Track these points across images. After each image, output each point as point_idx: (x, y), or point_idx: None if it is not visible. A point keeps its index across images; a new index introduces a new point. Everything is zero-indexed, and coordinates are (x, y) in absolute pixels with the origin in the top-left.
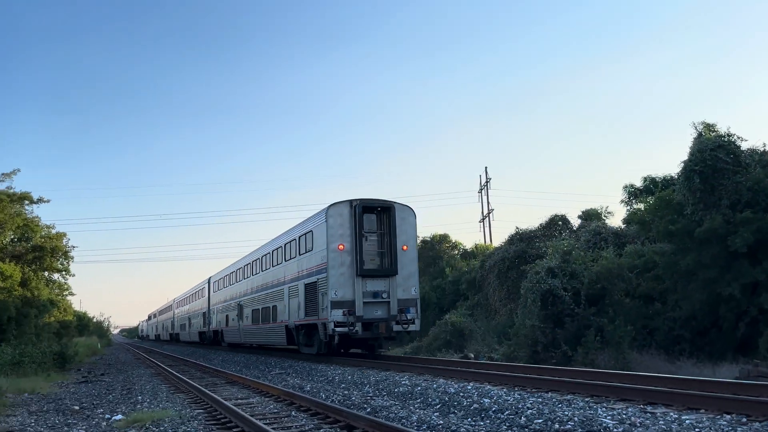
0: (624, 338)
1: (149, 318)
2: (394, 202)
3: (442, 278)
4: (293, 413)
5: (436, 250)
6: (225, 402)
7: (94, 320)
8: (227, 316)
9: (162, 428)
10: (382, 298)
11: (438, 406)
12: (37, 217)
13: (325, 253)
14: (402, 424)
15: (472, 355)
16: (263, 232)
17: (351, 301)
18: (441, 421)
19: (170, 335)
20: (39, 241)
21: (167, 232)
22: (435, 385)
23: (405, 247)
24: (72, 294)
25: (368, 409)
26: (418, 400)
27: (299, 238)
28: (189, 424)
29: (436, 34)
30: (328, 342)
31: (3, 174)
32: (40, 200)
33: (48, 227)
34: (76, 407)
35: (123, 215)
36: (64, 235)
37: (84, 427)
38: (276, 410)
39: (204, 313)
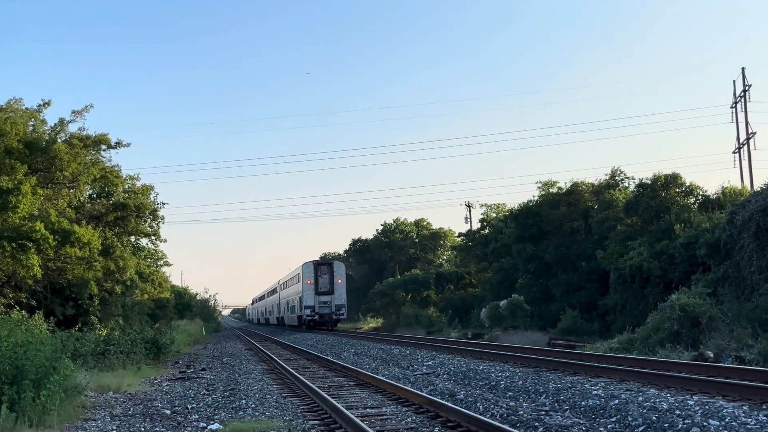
0: None
1: (253, 302)
2: (333, 260)
3: (669, 239)
4: (437, 430)
5: (660, 197)
6: (347, 412)
7: (198, 298)
8: (285, 308)
9: None
10: (327, 304)
11: (640, 429)
12: (117, 165)
13: (301, 285)
14: None
15: (711, 355)
16: (408, 175)
17: (313, 306)
18: None
19: (265, 320)
20: (121, 197)
21: (284, 180)
22: (641, 398)
23: (339, 281)
24: (168, 264)
25: (540, 429)
26: (613, 419)
27: (294, 276)
28: None
29: None
30: (306, 323)
31: (73, 111)
32: (118, 144)
33: (132, 178)
34: (167, 411)
35: (223, 160)
36: (152, 188)
37: None
38: (415, 425)
39: (277, 304)
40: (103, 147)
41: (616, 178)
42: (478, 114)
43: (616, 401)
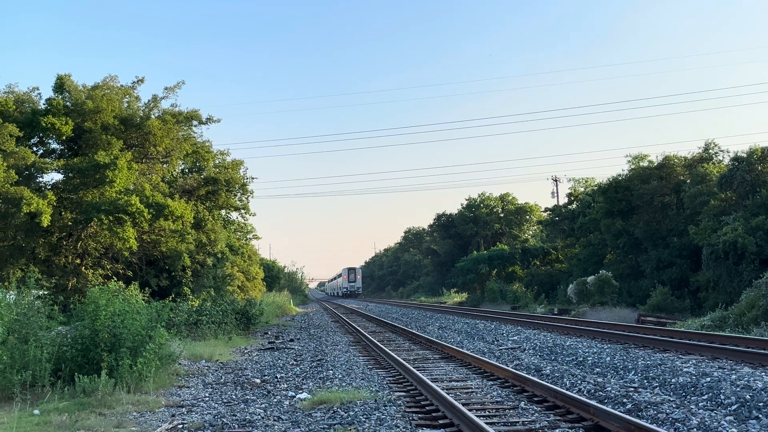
0: None
1: (329, 281)
2: (356, 267)
3: (765, 214)
4: (522, 404)
5: (756, 171)
6: (432, 384)
7: (285, 271)
8: (337, 288)
9: (351, 413)
10: (353, 287)
11: (733, 407)
12: (208, 141)
13: (341, 278)
14: (675, 431)
15: None
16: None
17: (347, 287)
18: (734, 430)
19: (333, 294)
20: (212, 171)
21: (370, 155)
22: (734, 377)
23: (359, 276)
24: (257, 237)
25: (628, 405)
26: (704, 397)
27: (340, 273)
28: (384, 410)
29: None
30: (343, 295)
31: (166, 88)
32: (209, 120)
33: (222, 153)
34: (257, 380)
35: (313, 135)
36: (241, 163)
37: (263, 405)
38: (500, 398)
39: (336, 286)
40: (195, 123)
41: (710, 151)
42: (564, 86)
43: (708, 379)
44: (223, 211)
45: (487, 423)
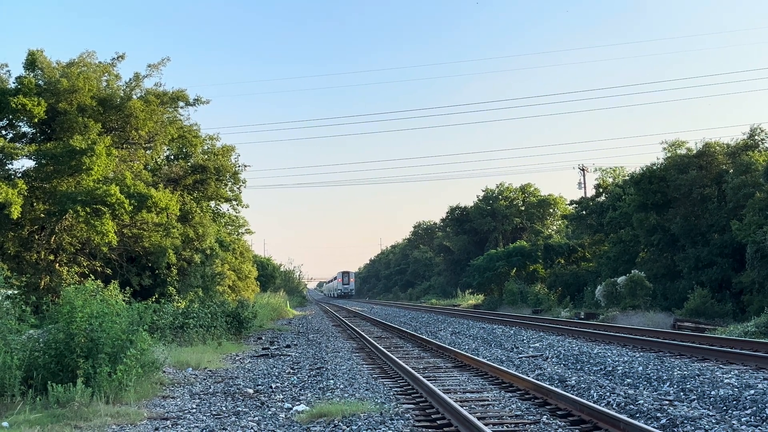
0: None
1: (327, 282)
2: (350, 271)
3: None
4: (544, 418)
5: None
6: (444, 396)
7: (281, 269)
8: (333, 289)
9: (354, 427)
10: (347, 288)
11: None
12: (196, 124)
13: (336, 280)
14: None
15: None
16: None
17: (341, 289)
18: None
19: (330, 296)
20: (200, 158)
21: (376, 142)
22: None
23: (352, 279)
24: (250, 232)
25: (663, 421)
26: (748, 411)
27: (335, 276)
28: (391, 424)
29: None
30: (339, 296)
31: (149, 65)
32: (197, 101)
33: (211, 138)
34: (250, 390)
35: (311, 118)
36: (233, 149)
37: (256, 418)
38: (520, 412)
39: (332, 288)
40: (181, 104)
41: (756, 137)
42: (591, 65)
43: (752, 391)
44: (212, 203)
45: None
